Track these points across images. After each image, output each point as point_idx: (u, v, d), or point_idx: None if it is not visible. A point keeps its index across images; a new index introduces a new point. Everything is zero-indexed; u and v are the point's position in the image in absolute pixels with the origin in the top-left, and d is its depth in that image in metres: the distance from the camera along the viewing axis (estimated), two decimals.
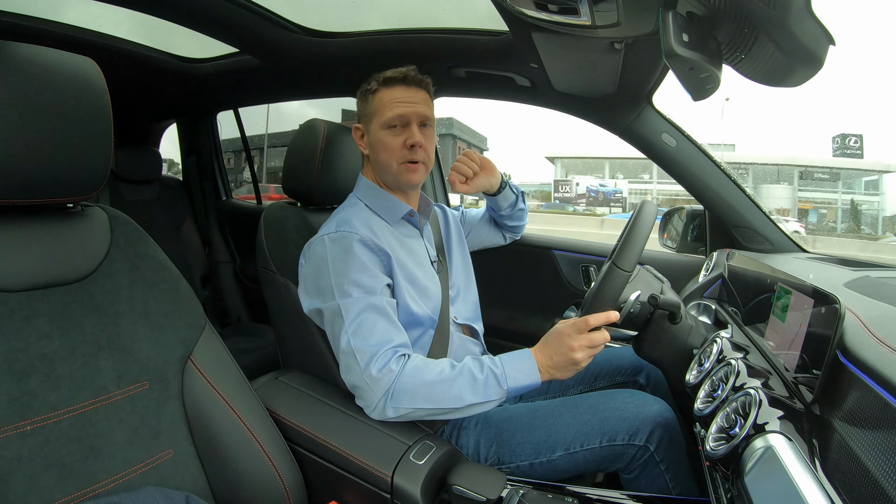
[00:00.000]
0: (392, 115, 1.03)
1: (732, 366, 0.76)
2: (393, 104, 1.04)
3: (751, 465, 0.55)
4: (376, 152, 1.07)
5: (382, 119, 1.04)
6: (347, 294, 0.94)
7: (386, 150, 1.05)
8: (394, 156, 1.05)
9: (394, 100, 1.04)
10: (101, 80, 0.72)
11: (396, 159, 1.05)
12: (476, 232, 1.47)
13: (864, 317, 0.63)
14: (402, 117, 1.04)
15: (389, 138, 1.05)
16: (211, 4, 1.25)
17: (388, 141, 1.05)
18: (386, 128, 1.05)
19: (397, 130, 1.05)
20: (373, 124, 1.07)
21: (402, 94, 1.05)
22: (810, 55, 0.62)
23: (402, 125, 1.05)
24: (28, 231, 0.71)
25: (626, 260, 0.87)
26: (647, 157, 1.44)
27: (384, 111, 1.04)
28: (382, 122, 1.04)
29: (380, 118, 1.05)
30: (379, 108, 1.05)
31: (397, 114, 1.03)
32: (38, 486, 0.62)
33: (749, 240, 1.38)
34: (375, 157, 1.08)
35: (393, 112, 1.04)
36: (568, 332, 0.90)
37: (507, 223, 1.48)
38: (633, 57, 1.07)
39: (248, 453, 0.81)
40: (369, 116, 1.07)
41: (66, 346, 0.69)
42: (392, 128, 1.05)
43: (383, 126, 1.05)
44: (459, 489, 0.81)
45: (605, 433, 0.94)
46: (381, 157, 1.06)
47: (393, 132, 1.05)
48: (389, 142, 1.05)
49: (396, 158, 1.05)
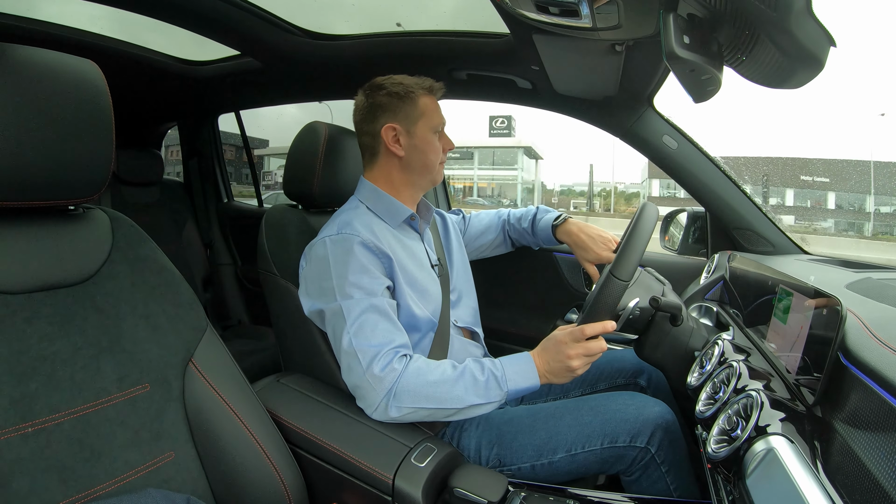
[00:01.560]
0: (440, 120, 1.13)
1: (734, 368, 0.76)
2: (438, 111, 1.14)
3: (752, 468, 0.55)
4: (423, 153, 1.11)
5: (433, 122, 1.11)
6: (349, 296, 0.94)
7: (435, 152, 1.13)
8: (438, 157, 1.14)
9: (437, 107, 1.14)
10: (103, 82, 0.72)
11: (439, 160, 1.15)
12: (483, 239, 1.44)
13: (865, 318, 0.63)
14: (443, 124, 1.14)
15: (437, 142, 1.13)
16: (212, 7, 1.25)
17: (436, 144, 1.13)
18: (435, 131, 1.12)
19: (438, 136, 1.14)
20: (419, 126, 1.10)
21: (437, 103, 1.15)
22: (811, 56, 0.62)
23: (441, 131, 1.15)
24: (29, 233, 0.71)
25: (624, 269, 0.87)
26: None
27: (433, 116, 1.12)
28: (433, 126, 1.12)
29: (430, 121, 1.11)
30: (427, 112, 1.11)
31: (443, 121, 1.14)
32: (38, 489, 0.62)
33: (750, 242, 1.38)
34: (419, 158, 1.12)
35: (441, 119, 1.13)
36: (565, 340, 0.90)
37: (534, 242, 1.44)
38: (633, 59, 1.07)
39: (250, 455, 0.81)
40: (414, 118, 1.10)
41: (67, 349, 0.69)
42: (437, 132, 1.13)
43: (434, 129, 1.12)
44: (461, 492, 0.81)
45: (607, 435, 0.94)
46: (430, 157, 1.12)
47: (437, 136, 1.13)
48: (437, 145, 1.13)
49: (439, 159, 1.15)
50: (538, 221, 1.37)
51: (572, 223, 1.31)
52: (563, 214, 1.35)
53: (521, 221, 1.40)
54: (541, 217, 1.37)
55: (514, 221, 1.42)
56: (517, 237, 1.44)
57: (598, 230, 1.28)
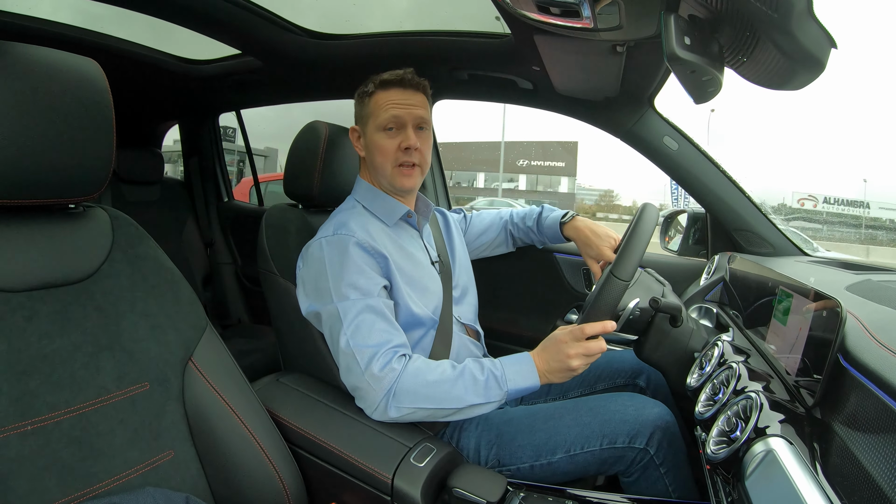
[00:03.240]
0: (387, 116, 1.03)
1: (733, 369, 0.76)
2: (389, 106, 1.04)
3: (752, 469, 0.55)
4: (372, 155, 1.07)
5: (378, 121, 1.04)
6: (345, 297, 0.94)
7: (381, 153, 1.05)
8: (388, 158, 1.05)
9: (390, 102, 1.04)
10: (104, 80, 0.72)
11: (391, 162, 1.05)
12: (484, 238, 1.44)
13: (865, 320, 0.63)
14: (398, 119, 1.04)
15: (385, 141, 1.05)
16: (213, 6, 1.25)
17: (383, 143, 1.05)
18: (381, 130, 1.05)
19: (393, 133, 1.05)
20: (369, 126, 1.07)
21: (399, 96, 1.05)
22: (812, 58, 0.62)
23: (397, 127, 1.05)
24: (30, 231, 0.71)
25: (625, 269, 0.87)
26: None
27: (380, 113, 1.04)
28: (378, 124, 1.04)
29: (375, 120, 1.05)
30: (375, 110, 1.05)
31: (392, 115, 1.03)
32: (38, 487, 0.62)
33: (750, 243, 1.38)
34: (371, 160, 1.08)
35: (388, 114, 1.03)
36: (565, 339, 0.90)
37: (539, 240, 1.44)
38: (634, 60, 1.07)
39: (249, 455, 0.81)
40: (365, 118, 1.07)
41: (67, 347, 0.69)
42: (388, 130, 1.05)
43: (379, 128, 1.05)
44: (460, 492, 0.81)
45: (605, 436, 0.94)
46: (377, 159, 1.06)
47: (388, 134, 1.05)
48: (385, 144, 1.05)
49: (391, 161, 1.05)
50: (544, 219, 1.37)
51: (580, 220, 1.30)
52: (571, 212, 1.35)
53: (526, 220, 1.40)
54: (547, 215, 1.37)
55: (517, 221, 1.42)
56: (521, 236, 1.44)
57: (605, 229, 1.26)
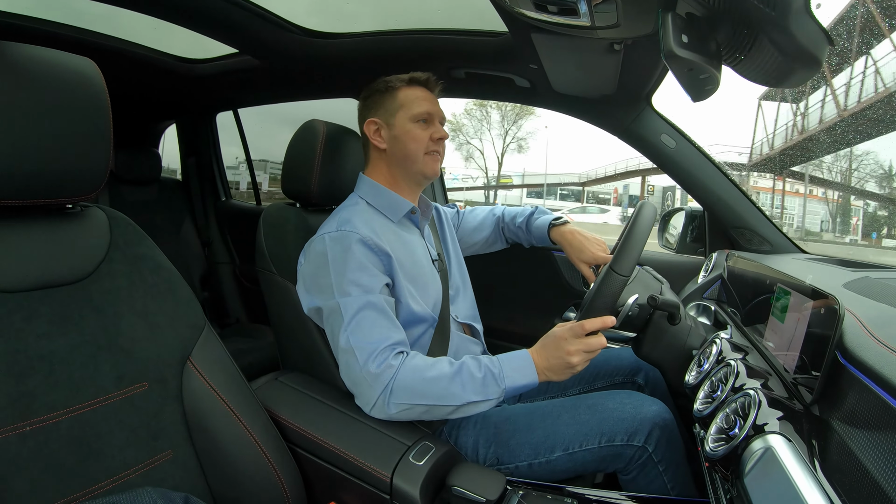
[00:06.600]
0: (422, 110, 1.11)
1: (732, 367, 0.76)
2: (420, 101, 1.12)
3: (750, 466, 0.55)
4: (403, 143, 1.11)
5: (412, 112, 1.11)
6: (346, 293, 0.94)
7: (415, 141, 1.11)
8: (421, 146, 1.12)
9: (419, 97, 1.12)
10: (101, 80, 0.72)
11: (423, 149, 1.12)
12: (476, 235, 1.44)
13: (863, 317, 0.63)
14: (430, 114, 1.12)
15: (418, 131, 1.11)
16: (210, 5, 1.24)
17: (417, 133, 1.11)
18: (416, 121, 1.11)
19: (424, 125, 1.12)
20: (398, 117, 1.11)
21: (424, 94, 1.14)
22: (809, 56, 0.62)
23: (428, 121, 1.12)
24: (27, 232, 0.71)
25: (624, 265, 0.87)
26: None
27: (413, 106, 1.11)
28: (412, 115, 1.11)
29: (409, 111, 1.11)
30: (406, 103, 1.11)
31: (426, 110, 1.12)
32: (37, 487, 0.62)
33: (748, 241, 1.38)
34: (401, 148, 1.12)
35: (422, 108, 1.11)
36: (564, 336, 0.90)
37: (527, 240, 1.43)
38: (632, 58, 1.07)
39: (248, 454, 0.81)
40: (393, 110, 1.12)
41: (65, 347, 0.69)
42: (421, 122, 1.11)
43: (413, 119, 1.11)
44: (459, 490, 0.81)
45: (604, 434, 0.95)
46: (410, 147, 1.11)
47: (421, 126, 1.11)
48: (419, 133, 1.11)
49: (423, 148, 1.12)
50: (534, 221, 1.37)
51: (569, 226, 1.31)
52: (563, 217, 1.35)
53: (516, 219, 1.41)
54: (537, 217, 1.37)
55: (508, 220, 1.43)
56: (511, 235, 1.45)
57: (594, 235, 1.28)
